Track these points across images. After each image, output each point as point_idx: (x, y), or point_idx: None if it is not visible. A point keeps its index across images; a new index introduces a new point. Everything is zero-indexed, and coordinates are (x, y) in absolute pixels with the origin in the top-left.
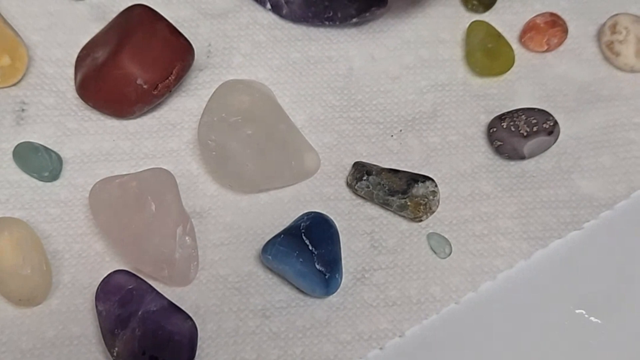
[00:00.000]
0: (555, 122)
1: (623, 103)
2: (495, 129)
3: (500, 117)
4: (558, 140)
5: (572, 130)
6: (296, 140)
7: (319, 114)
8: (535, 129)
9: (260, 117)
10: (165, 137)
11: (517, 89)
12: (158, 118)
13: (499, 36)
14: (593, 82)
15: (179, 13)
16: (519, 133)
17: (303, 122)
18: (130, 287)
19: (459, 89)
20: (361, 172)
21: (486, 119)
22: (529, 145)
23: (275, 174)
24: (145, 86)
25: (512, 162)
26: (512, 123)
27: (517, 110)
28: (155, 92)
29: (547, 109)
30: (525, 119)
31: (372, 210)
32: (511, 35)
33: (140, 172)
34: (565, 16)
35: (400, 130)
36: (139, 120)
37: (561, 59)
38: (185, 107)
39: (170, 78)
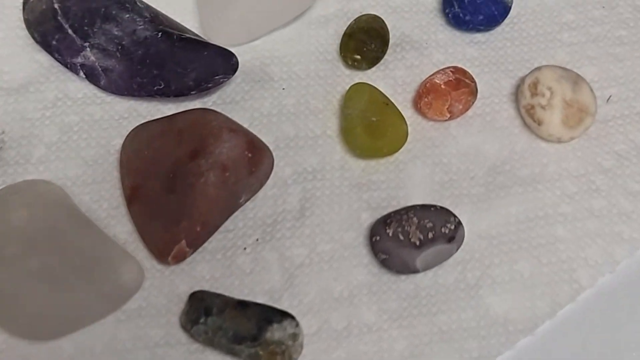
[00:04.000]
0: (458, 224)
1: (547, 186)
2: (378, 238)
3: (385, 222)
4: (463, 242)
5: (481, 227)
6: (107, 252)
7: None
8: (430, 235)
9: (48, 236)
10: None
11: (410, 173)
12: None
13: (386, 104)
14: (509, 159)
15: None
16: (409, 242)
17: (126, 233)
18: None
19: (334, 177)
20: (198, 311)
21: (369, 217)
22: (423, 257)
23: (83, 308)
24: None
25: (402, 277)
26: (400, 229)
27: (407, 210)
28: None
29: (450, 200)
30: (418, 222)
31: (217, 358)
32: (404, 98)
33: None
34: (473, 69)
35: (257, 240)
36: None
37: (468, 129)
38: None
39: None
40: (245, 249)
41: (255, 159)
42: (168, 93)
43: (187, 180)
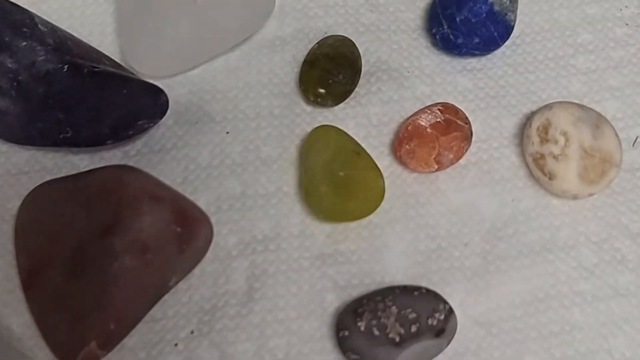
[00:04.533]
0: (449, 312)
1: (561, 256)
2: (347, 333)
3: (356, 311)
4: (456, 331)
5: (478, 310)
6: None
7: None
8: (414, 329)
9: None
10: None
11: (388, 241)
12: None
13: (357, 153)
14: (512, 221)
15: None
16: (387, 339)
17: (23, 326)
18: None
19: (291, 247)
20: None
21: (336, 300)
22: (404, 356)
23: None
24: None
25: None
26: (375, 322)
27: (383, 296)
28: None
29: (438, 275)
30: (398, 312)
31: None
32: (380, 142)
33: None
34: (467, 104)
35: (191, 333)
36: None
37: (460, 182)
38: None
39: None
40: (176, 345)
41: (186, 234)
42: (78, 142)
43: (97, 263)
